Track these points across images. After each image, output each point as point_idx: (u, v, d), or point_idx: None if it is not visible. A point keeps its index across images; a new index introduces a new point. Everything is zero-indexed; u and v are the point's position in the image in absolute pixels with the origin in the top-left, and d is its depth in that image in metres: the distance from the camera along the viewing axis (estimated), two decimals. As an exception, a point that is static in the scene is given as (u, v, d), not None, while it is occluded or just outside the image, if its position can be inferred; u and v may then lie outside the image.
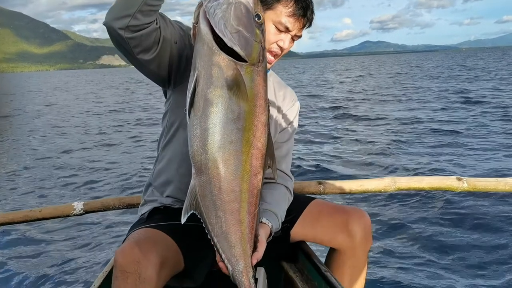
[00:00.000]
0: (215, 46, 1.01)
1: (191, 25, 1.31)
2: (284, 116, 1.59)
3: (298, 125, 1.66)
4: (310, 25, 1.50)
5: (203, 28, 1.02)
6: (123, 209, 2.44)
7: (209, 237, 1.10)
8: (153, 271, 1.08)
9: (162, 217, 1.38)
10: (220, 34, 1.00)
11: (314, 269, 1.48)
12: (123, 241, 1.28)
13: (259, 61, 1.07)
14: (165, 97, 1.51)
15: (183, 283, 1.27)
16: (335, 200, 3.84)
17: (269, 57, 1.42)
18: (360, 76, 30.99)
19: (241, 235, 1.11)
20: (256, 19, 1.06)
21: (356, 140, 7.43)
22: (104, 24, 1.15)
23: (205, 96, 1.03)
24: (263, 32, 1.09)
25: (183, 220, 1.07)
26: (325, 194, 2.33)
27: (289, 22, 1.40)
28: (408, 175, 4.00)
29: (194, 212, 1.08)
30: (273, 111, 1.53)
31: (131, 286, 1.05)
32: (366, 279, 1.57)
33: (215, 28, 1.00)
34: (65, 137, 10.13)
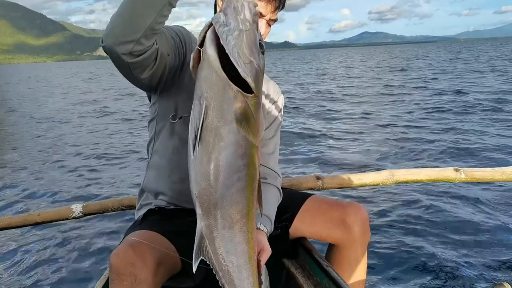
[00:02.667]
0: (224, 76, 0.94)
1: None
2: (268, 112, 1.57)
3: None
4: (283, 7, 1.47)
5: (212, 54, 0.94)
6: (123, 211, 2.43)
7: (217, 278, 1.05)
8: (148, 272, 1.08)
9: (157, 218, 1.38)
10: (234, 64, 0.94)
11: (316, 264, 1.49)
12: (119, 245, 1.28)
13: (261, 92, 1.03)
14: (149, 101, 1.48)
15: (181, 283, 1.27)
16: (334, 195, 3.86)
17: None
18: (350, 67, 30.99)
19: (252, 273, 1.08)
20: (259, 47, 1.02)
21: (353, 133, 7.45)
22: (104, 47, 1.10)
23: (215, 131, 0.96)
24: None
25: (194, 268, 1.01)
26: (324, 189, 2.35)
27: (261, 6, 1.38)
28: (405, 168, 4.01)
29: (204, 258, 1.03)
30: None
31: None
32: (367, 272, 1.58)
33: (230, 57, 0.94)
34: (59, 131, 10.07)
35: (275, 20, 1.44)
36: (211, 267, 1.05)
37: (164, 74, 1.25)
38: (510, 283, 2.08)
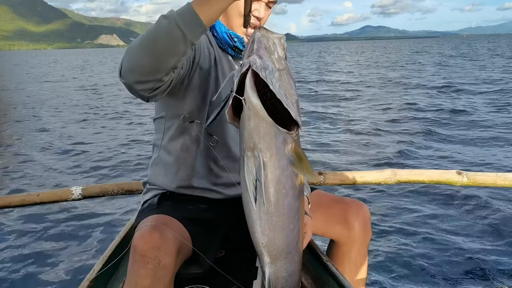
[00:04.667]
0: (273, 123, 0.92)
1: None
2: None
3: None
4: None
5: (258, 103, 0.90)
6: (122, 195, 2.42)
7: None
8: (171, 258, 1.08)
9: (172, 204, 1.37)
10: (288, 108, 0.92)
11: (315, 259, 1.48)
12: (135, 227, 1.27)
13: None
14: None
15: (189, 270, 1.27)
16: (336, 191, 3.85)
17: (248, 30, 1.35)
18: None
19: None
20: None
21: (356, 129, 7.42)
22: (123, 83, 1.07)
23: (276, 180, 0.96)
24: None
25: None
26: (325, 185, 2.34)
27: None
28: (408, 168, 4.00)
29: None
30: None
31: (152, 272, 1.03)
32: (367, 271, 1.58)
33: (283, 103, 0.91)
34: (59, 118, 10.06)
35: (274, 2, 1.41)
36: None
37: (177, 85, 1.24)
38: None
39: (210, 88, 1.36)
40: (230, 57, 1.44)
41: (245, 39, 1.39)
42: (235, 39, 1.39)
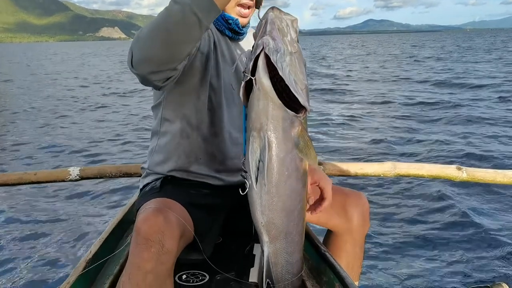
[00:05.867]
0: (282, 105, 0.93)
1: None
2: None
3: None
4: None
5: (268, 85, 0.91)
6: (119, 178, 2.42)
7: None
8: (175, 243, 1.06)
9: (175, 187, 1.36)
10: (295, 93, 0.92)
11: (313, 248, 1.47)
12: (136, 210, 1.26)
13: None
14: None
15: (189, 255, 1.26)
16: (334, 182, 3.85)
17: (242, 11, 1.35)
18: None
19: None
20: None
21: (357, 122, 7.40)
22: (137, 74, 1.05)
23: (279, 161, 0.96)
24: None
25: None
26: (325, 175, 2.33)
27: None
28: (408, 161, 3.99)
29: (269, 281, 1.10)
30: None
31: (155, 255, 1.01)
32: (363, 261, 1.58)
33: (290, 87, 0.91)
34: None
35: None
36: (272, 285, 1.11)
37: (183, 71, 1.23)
38: (508, 284, 2.09)
39: (210, 72, 1.34)
40: (228, 39, 1.43)
41: (240, 20, 1.38)
42: (230, 21, 1.38)
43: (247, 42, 1.48)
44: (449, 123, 7.05)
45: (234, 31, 1.41)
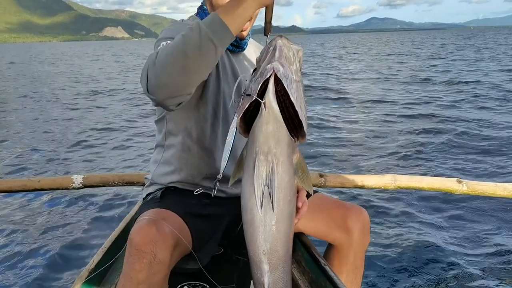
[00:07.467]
0: (287, 131, 0.94)
1: None
2: None
3: None
4: None
5: (277, 108, 0.92)
6: (123, 186, 2.43)
7: None
8: (167, 253, 1.08)
9: (175, 198, 1.38)
10: (302, 121, 0.94)
11: (313, 261, 1.48)
12: (135, 220, 1.28)
13: None
14: None
15: (186, 265, 1.28)
16: (334, 194, 3.85)
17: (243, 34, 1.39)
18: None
19: None
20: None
21: (357, 130, 7.39)
22: (153, 99, 1.06)
23: (284, 186, 0.96)
24: None
25: None
26: (326, 187, 2.35)
27: None
28: (409, 174, 3.99)
29: None
30: None
31: (146, 266, 1.04)
32: (363, 276, 1.58)
33: (298, 112, 0.93)
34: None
35: None
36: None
37: None
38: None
39: (210, 85, 1.37)
40: (228, 52, 1.46)
41: (239, 34, 1.39)
42: None
43: (248, 54, 1.53)
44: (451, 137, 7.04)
45: (233, 45, 1.44)
